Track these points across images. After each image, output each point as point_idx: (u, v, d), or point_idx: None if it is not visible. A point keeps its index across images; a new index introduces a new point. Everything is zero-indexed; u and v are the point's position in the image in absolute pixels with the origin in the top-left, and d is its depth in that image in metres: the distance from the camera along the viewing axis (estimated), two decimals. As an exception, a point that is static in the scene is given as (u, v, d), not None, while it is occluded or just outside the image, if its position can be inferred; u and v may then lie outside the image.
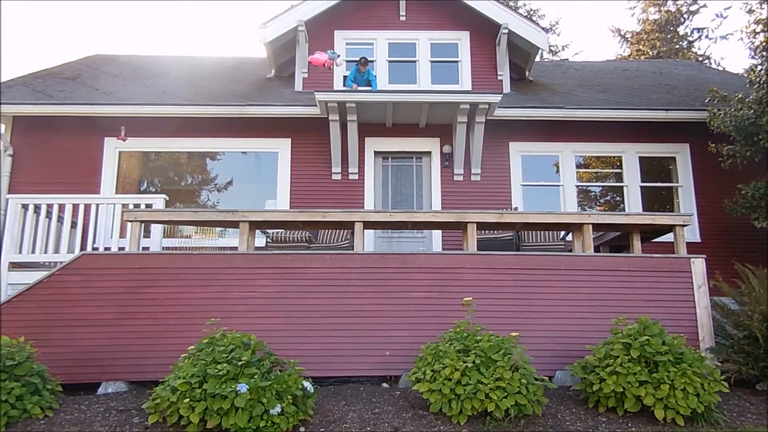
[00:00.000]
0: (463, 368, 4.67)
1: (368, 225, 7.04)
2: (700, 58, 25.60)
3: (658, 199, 10.28)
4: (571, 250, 7.05)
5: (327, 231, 8.59)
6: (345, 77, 10.42)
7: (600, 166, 10.66)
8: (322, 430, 4.62)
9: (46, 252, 7.22)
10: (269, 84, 11.43)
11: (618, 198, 10.38)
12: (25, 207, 7.15)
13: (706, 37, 26.62)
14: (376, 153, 10.07)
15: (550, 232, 7.87)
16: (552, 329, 5.96)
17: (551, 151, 10.17)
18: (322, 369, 5.82)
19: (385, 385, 5.86)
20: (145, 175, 10.27)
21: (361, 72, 10.05)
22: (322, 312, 6.12)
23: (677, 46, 26.56)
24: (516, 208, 9.46)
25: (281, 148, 9.97)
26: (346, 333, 6.04)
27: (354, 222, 6.70)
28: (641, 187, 10.10)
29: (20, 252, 7.09)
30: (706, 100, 9.54)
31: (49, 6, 52.42)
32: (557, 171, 10.16)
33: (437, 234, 9.55)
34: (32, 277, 6.49)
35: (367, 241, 9.21)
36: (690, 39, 26.86)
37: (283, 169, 9.89)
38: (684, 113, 9.74)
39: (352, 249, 7.39)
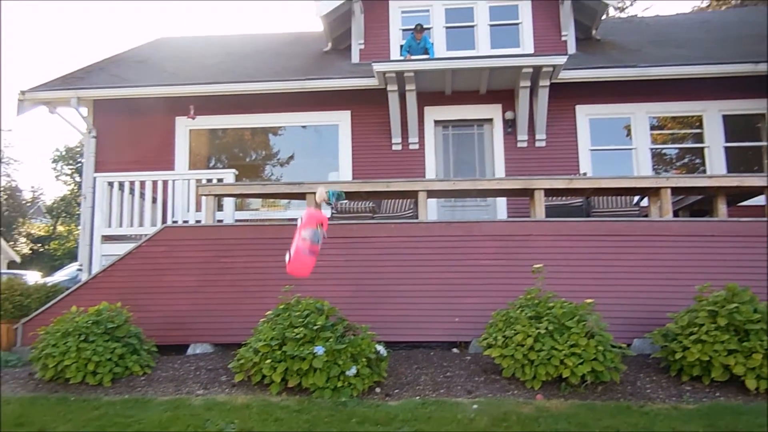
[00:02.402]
0: (535, 334, 4.68)
1: (431, 194, 7.07)
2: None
3: (744, 159, 9.69)
4: (646, 216, 6.84)
5: (390, 201, 8.68)
6: (401, 46, 10.32)
7: (676, 127, 10.14)
8: (396, 391, 4.78)
9: (131, 225, 7.71)
10: (326, 57, 11.50)
11: (697, 160, 9.86)
12: (110, 185, 7.64)
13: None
14: (436, 122, 9.99)
15: (623, 197, 7.63)
16: (628, 297, 5.84)
17: (622, 114, 9.75)
18: (393, 334, 5.97)
19: (455, 350, 5.96)
20: (213, 153, 10.65)
21: (417, 40, 9.91)
22: (390, 280, 6.26)
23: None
24: (585, 174, 9.20)
25: (341, 120, 10.06)
26: (415, 300, 6.16)
27: (417, 191, 6.75)
28: (725, 148, 9.53)
29: (109, 226, 7.61)
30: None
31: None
32: (628, 134, 9.76)
33: (501, 202, 9.44)
34: (121, 248, 6.97)
35: (430, 210, 9.23)
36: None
37: (344, 141, 10.00)
38: (777, 65, 8.99)
39: (416, 218, 7.46)
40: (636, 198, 7.62)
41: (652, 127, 9.88)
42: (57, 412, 4.45)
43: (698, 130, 9.75)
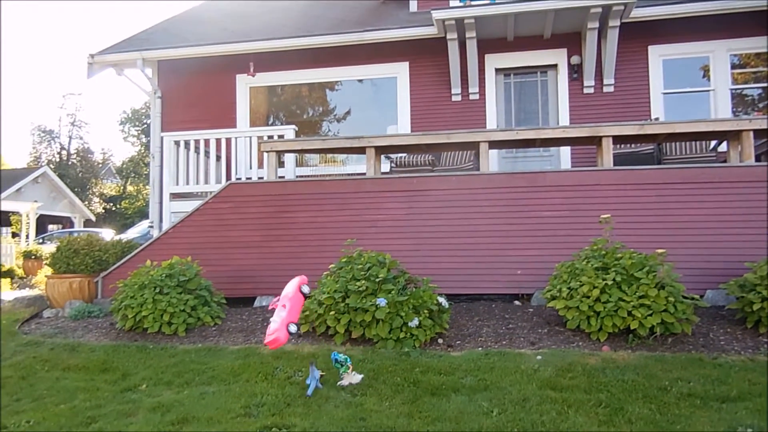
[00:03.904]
0: (602, 286, 4.54)
1: (493, 144, 6.88)
2: None
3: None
4: (724, 161, 6.39)
5: (450, 153, 8.54)
6: (459, -7, 9.90)
7: (761, 65, 9.32)
8: (458, 342, 4.80)
9: (197, 183, 7.98)
10: (383, 8, 11.21)
11: (783, 101, 9.07)
12: (177, 143, 7.89)
13: None
14: (497, 70, 9.62)
15: (698, 143, 7.16)
16: (702, 246, 5.55)
17: (700, 52, 9.03)
18: (454, 287, 5.97)
19: (517, 302, 5.90)
20: (272, 110, 10.75)
21: (476, -15, 9.47)
22: (451, 232, 6.21)
23: None
24: (657, 119, 8.67)
25: (399, 72, 9.87)
26: (476, 252, 6.10)
27: (479, 142, 6.59)
28: (816, 86, 8.70)
29: (177, 184, 7.91)
30: None
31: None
32: (705, 75, 9.06)
33: (565, 151, 9.09)
34: (189, 206, 7.25)
35: (491, 162, 9.00)
36: None
37: (402, 93, 9.83)
38: None
39: (477, 170, 7.30)
40: (713, 143, 7.13)
41: (733, 66, 9.12)
42: (138, 359, 4.77)
43: (788, 67, 8.91)
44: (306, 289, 4.05)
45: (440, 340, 4.84)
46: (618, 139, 6.42)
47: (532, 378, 3.86)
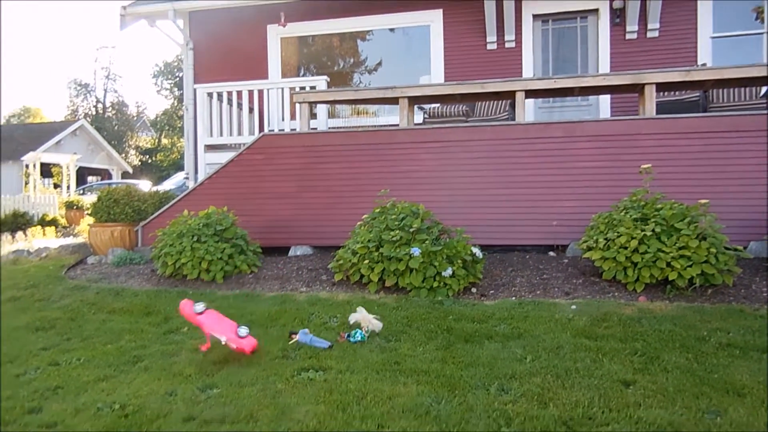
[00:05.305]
0: (640, 236, 4.45)
1: (529, 94, 6.68)
2: None
3: None
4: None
5: (484, 103, 8.34)
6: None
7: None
8: (492, 292, 4.81)
9: (231, 135, 8.02)
10: (416, -48, 10.80)
11: None
12: (210, 95, 7.90)
13: None
14: (535, 16, 9.24)
15: (748, 89, 6.81)
16: (747, 197, 5.36)
17: (752, -7, 8.49)
18: (487, 238, 5.94)
19: (551, 253, 5.85)
20: (303, 62, 10.63)
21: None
22: (485, 183, 6.14)
23: None
24: (704, 65, 8.26)
25: (433, 20, 9.58)
26: (510, 203, 6.04)
27: (515, 91, 6.41)
28: None
29: (211, 135, 7.97)
30: None
31: None
32: (758, 17, 8.53)
33: (605, 101, 8.78)
34: (223, 157, 7.31)
35: (527, 112, 8.78)
36: None
37: (436, 42, 9.57)
38: None
39: (512, 120, 7.14)
40: (764, 89, 6.77)
41: (792, 6, 8.54)
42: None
43: None
44: (199, 307, 3.76)
45: (474, 290, 4.86)
46: (661, 87, 6.16)
47: (567, 327, 3.85)
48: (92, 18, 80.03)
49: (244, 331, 3.65)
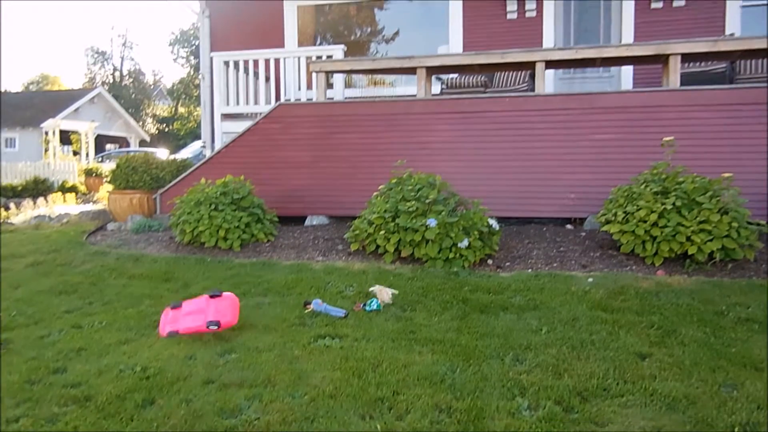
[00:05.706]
0: (660, 210, 4.39)
1: (550, 64, 6.54)
2: None
3: None
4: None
5: (503, 74, 8.19)
6: None
7: None
8: (508, 264, 4.81)
9: (247, 104, 8.00)
10: None
11: None
12: (226, 64, 7.85)
13: None
14: (557, -16, 9.00)
15: (777, 60, 6.60)
16: (771, 171, 5.25)
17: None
18: (504, 210, 5.91)
19: (569, 226, 5.81)
20: (319, 31, 10.50)
21: None
22: (503, 155, 6.08)
23: None
24: (732, 35, 8.00)
25: (452, -12, 9.38)
26: (528, 176, 5.98)
27: (535, 62, 6.28)
28: None
29: (228, 104, 7.95)
30: None
31: None
32: (790, -15, 8.22)
33: (627, 72, 8.58)
34: (240, 126, 7.31)
35: (547, 83, 8.62)
36: None
37: (454, 11, 9.36)
38: None
39: (532, 91, 7.01)
40: (795, 61, 6.56)
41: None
42: (197, 270, 5.01)
43: None
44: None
45: (490, 261, 4.85)
46: (687, 57, 5.99)
47: (583, 299, 3.85)
48: (108, -15, 79.37)
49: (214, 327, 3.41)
